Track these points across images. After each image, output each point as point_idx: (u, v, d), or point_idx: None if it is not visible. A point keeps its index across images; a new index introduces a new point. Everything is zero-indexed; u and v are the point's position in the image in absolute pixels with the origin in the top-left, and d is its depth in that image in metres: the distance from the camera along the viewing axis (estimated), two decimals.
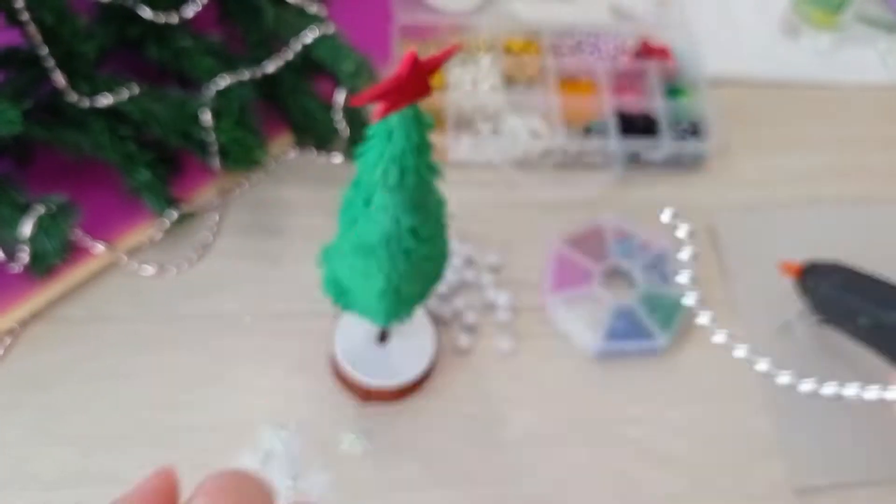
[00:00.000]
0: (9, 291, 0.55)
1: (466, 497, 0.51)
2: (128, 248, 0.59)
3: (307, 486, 0.51)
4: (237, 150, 0.57)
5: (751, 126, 0.74)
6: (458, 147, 0.67)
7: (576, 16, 0.76)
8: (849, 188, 0.71)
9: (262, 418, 0.53)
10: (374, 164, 0.35)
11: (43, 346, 0.55)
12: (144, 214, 0.59)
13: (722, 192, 0.69)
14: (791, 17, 0.80)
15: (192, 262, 0.59)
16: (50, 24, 0.53)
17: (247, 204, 0.63)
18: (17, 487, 0.49)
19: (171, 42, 0.59)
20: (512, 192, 0.66)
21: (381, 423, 0.54)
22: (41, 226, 0.52)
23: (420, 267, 0.41)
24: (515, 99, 0.69)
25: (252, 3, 0.60)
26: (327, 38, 0.57)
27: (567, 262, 0.61)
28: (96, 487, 0.49)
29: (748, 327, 0.60)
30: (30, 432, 0.51)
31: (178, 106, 0.56)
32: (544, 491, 0.52)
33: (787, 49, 0.80)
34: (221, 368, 0.55)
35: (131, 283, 0.58)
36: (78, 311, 0.56)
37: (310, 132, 0.63)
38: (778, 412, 0.57)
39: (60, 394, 0.53)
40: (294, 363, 0.55)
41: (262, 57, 0.60)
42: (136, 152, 0.57)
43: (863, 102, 0.77)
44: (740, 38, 0.80)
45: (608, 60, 0.73)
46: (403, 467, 0.52)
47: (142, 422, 0.52)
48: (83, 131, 0.57)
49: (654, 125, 0.69)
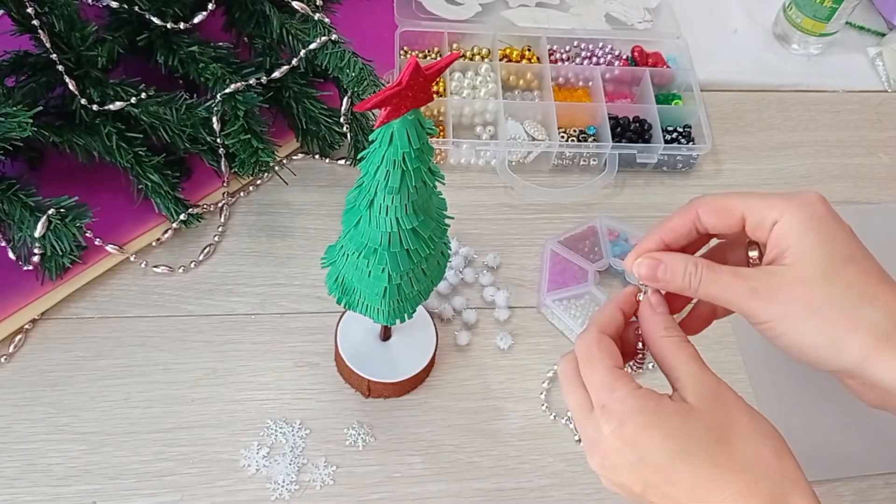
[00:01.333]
0: (21, 290, 0.56)
1: (466, 489, 0.53)
2: (137, 248, 0.60)
3: (311, 479, 0.52)
4: (244, 154, 0.59)
5: (742, 130, 0.76)
6: (458, 151, 0.68)
7: (572, 24, 0.78)
8: (837, 191, 0.72)
9: (267, 414, 0.54)
10: (376, 167, 0.36)
11: (54, 343, 0.56)
12: (153, 216, 0.61)
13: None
14: (782, 23, 0.82)
15: (199, 262, 0.61)
16: (61, 30, 0.55)
17: (253, 206, 0.65)
18: (28, 482, 0.50)
19: (180, 49, 0.60)
20: (509, 194, 0.68)
21: (383, 417, 0.55)
22: (52, 227, 0.54)
23: (421, 267, 0.43)
24: (513, 104, 0.71)
25: (258, 11, 0.62)
26: (332, 45, 0.59)
27: (563, 261, 0.63)
28: (107, 482, 0.51)
29: (736, 327, 0.61)
30: (41, 428, 0.52)
31: (187, 111, 0.58)
32: (542, 483, 0.54)
33: (778, 55, 0.82)
34: (228, 365, 0.56)
35: (141, 283, 0.59)
36: (88, 310, 0.58)
37: (314, 136, 0.65)
38: (767, 408, 0.58)
39: (71, 390, 0.54)
40: (299, 360, 0.57)
41: (268, 63, 0.61)
42: (145, 156, 0.59)
43: (852, 107, 0.79)
44: (732, 45, 0.82)
45: (603, 67, 0.75)
46: (405, 460, 0.53)
47: (151, 417, 0.53)
48: (93, 135, 0.58)
49: (647, 130, 0.71)
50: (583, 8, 0.80)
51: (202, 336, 0.57)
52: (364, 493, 0.52)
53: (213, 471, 0.52)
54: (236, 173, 0.62)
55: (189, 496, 0.51)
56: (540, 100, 0.73)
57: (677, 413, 0.32)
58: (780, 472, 0.32)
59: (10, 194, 0.54)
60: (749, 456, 0.32)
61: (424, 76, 0.32)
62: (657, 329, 0.35)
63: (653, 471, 0.32)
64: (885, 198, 0.72)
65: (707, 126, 0.70)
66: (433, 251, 0.43)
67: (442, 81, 0.72)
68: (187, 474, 0.52)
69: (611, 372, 0.34)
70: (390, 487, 0.52)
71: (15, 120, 0.51)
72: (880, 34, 0.85)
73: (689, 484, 0.32)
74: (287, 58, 0.61)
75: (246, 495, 0.51)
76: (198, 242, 0.62)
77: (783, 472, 0.32)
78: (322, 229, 0.64)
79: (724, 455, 0.32)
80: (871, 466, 0.56)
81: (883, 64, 0.82)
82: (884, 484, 0.56)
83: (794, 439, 0.57)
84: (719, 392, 0.33)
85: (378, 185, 0.37)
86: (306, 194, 0.65)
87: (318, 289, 0.60)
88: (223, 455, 0.52)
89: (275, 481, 0.52)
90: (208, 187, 0.63)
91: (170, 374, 0.55)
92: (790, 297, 0.32)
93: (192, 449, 0.52)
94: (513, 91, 0.74)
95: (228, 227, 0.63)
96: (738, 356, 0.61)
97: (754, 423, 0.33)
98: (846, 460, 0.56)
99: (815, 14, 0.78)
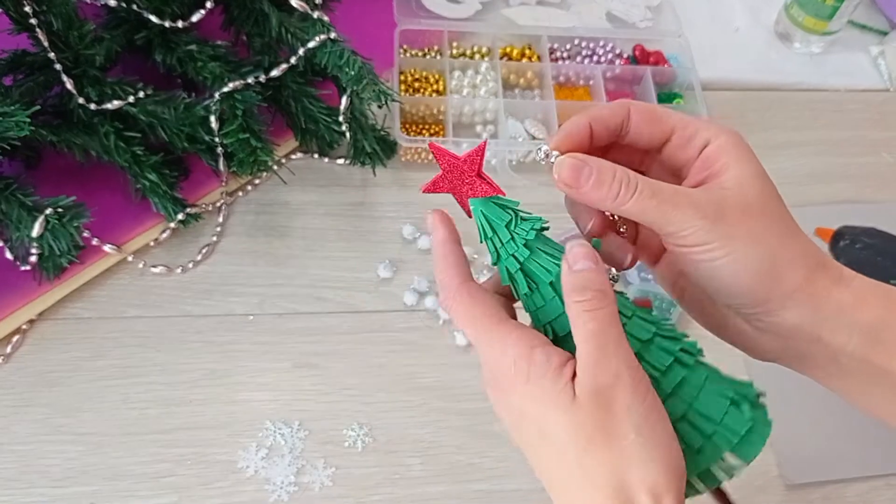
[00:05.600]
0: (18, 291, 0.56)
1: (466, 490, 0.53)
2: (135, 248, 0.60)
3: (310, 481, 0.52)
4: (242, 153, 0.59)
5: (743, 129, 0.74)
6: (458, 150, 0.68)
7: (573, 22, 0.78)
8: (840, 191, 0.72)
9: (266, 415, 0.54)
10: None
11: (51, 344, 0.56)
12: (151, 216, 0.60)
13: None
14: (784, 22, 0.81)
15: (197, 262, 0.61)
16: (58, 29, 0.54)
17: (252, 206, 0.64)
18: (26, 483, 0.50)
19: (178, 47, 0.60)
20: (510, 194, 0.67)
21: (382, 418, 0.55)
22: (50, 227, 0.53)
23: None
24: (513, 103, 0.70)
25: (257, 10, 0.61)
26: (331, 43, 0.58)
27: None
28: (104, 483, 0.50)
29: None
30: (39, 429, 0.52)
31: (185, 110, 0.57)
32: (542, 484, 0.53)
33: (780, 54, 0.82)
34: (226, 366, 0.56)
35: (138, 283, 0.59)
36: (86, 311, 0.57)
37: (313, 136, 0.65)
38: (770, 408, 0.58)
39: (69, 391, 0.54)
40: (298, 361, 0.57)
41: (266, 62, 0.61)
42: (143, 155, 0.58)
43: (854, 106, 0.79)
44: (733, 44, 0.82)
45: (604, 65, 0.74)
46: (405, 462, 0.53)
47: (149, 418, 0.53)
48: (91, 134, 0.58)
49: None
50: (584, 6, 0.80)
51: (200, 336, 0.57)
52: (363, 494, 0.52)
53: (212, 472, 0.51)
54: (235, 172, 0.62)
55: (187, 497, 0.50)
56: (540, 99, 0.73)
57: (556, 398, 0.28)
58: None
59: (8, 194, 0.54)
60: (616, 478, 0.28)
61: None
62: (567, 291, 0.29)
63: (527, 440, 0.30)
64: (887, 197, 0.72)
65: None
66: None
67: (442, 80, 0.71)
68: (185, 475, 0.51)
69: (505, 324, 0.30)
70: (390, 489, 0.52)
71: (13, 119, 0.51)
72: (882, 33, 0.85)
73: (555, 469, 0.30)
74: (286, 56, 0.61)
75: (244, 497, 0.51)
76: (196, 242, 0.61)
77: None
78: (321, 229, 0.63)
79: (588, 459, 0.28)
80: (873, 468, 0.56)
81: (885, 63, 0.82)
82: (886, 486, 0.56)
83: (796, 440, 0.58)
84: (610, 394, 0.28)
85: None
86: (305, 194, 0.65)
87: (316, 289, 0.60)
88: (221, 456, 0.52)
89: (273, 483, 0.51)
90: (206, 187, 0.63)
91: (168, 375, 0.55)
92: (736, 220, 0.30)
93: (190, 450, 0.52)
94: (513, 90, 0.74)
95: (227, 227, 0.63)
96: (738, 356, 0.60)
97: (639, 447, 0.28)
98: (848, 461, 0.56)
99: (817, 13, 0.77)
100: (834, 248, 0.61)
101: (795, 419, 0.57)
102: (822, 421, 0.57)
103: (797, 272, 0.30)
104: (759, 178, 0.32)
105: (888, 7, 0.85)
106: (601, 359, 0.28)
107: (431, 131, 0.69)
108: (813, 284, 0.30)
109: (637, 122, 0.33)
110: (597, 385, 0.28)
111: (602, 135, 0.33)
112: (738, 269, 0.30)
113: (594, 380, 0.28)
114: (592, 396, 0.28)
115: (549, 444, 0.29)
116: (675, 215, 0.30)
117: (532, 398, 0.29)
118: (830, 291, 0.30)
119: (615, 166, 0.31)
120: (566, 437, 0.29)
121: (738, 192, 0.31)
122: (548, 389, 0.29)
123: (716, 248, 0.30)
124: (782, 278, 0.30)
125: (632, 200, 0.30)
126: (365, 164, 0.64)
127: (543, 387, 0.29)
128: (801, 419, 0.57)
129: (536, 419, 0.30)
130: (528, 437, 0.30)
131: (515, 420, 0.31)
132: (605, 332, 0.29)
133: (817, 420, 0.57)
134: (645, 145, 0.34)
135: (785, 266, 0.30)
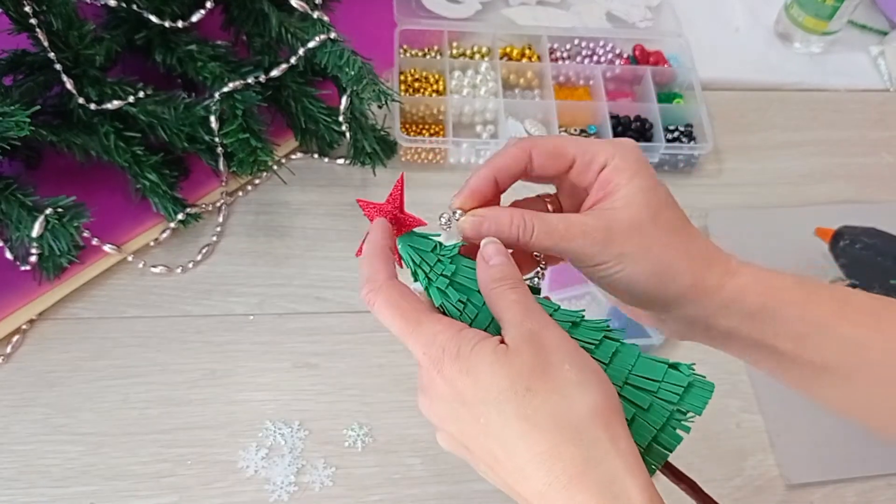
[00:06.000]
0: (18, 291, 0.56)
1: (466, 490, 0.52)
2: (135, 248, 0.60)
3: (310, 481, 0.52)
4: (242, 153, 0.59)
5: (743, 129, 0.75)
6: (458, 150, 0.68)
7: (572, 22, 0.78)
8: (840, 191, 0.72)
9: (266, 415, 0.54)
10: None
11: (51, 344, 0.56)
12: (151, 216, 0.60)
13: (715, 193, 0.70)
14: (784, 22, 0.81)
15: (197, 262, 0.61)
16: (58, 29, 0.54)
17: (252, 206, 0.64)
18: (26, 483, 0.50)
19: (178, 47, 0.60)
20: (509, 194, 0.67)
21: (382, 418, 0.55)
22: (50, 227, 0.53)
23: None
24: (513, 103, 0.70)
25: (257, 10, 0.61)
26: (330, 43, 0.58)
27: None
28: (104, 483, 0.50)
29: None
30: (39, 429, 0.52)
31: (185, 110, 0.58)
32: None
33: (780, 54, 0.82)
34: (226, 366, 0.56)
35: (138, 283, 0.59)
36: (86, 311, 0.57)
37: (313, 135, 0.65)
38: (770, 408, 0.58)
39: (69, 391, 0.54)
40: (298, 361, 0.57)
41: (266, 62, 0.61)
42: (143, 155, 0.58)
43: (854, 106, 0.79)
44: (733, 44, 0.82)
45: (604, 65, 0.74)
46: (405, 462, 0.53)
47: (149, 418, 0.53)
48: (91, 134, 0.58)
49: (648, 129, 0.70)
50: (584, 6, 0.80)
51: (200, 337, 0.57)
52: (363, 494, 0.52)
53: (212, 472, 0.51)
54: (234, 172, 0.62)
55: (187, 497, 0.50)
56: (540, 98, 0.73)
57: (491, 355, 0.29)
58: (593, 435, 0.28)
59: (8, 194, 0.54)
60: (560, 412, 0.29)
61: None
62: (486, 282, 0.32)
63: (469, 421, 0.30)
64: (888, 197, 0.72)
65: (708, 125, 0.70)
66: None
67: (442, 80, 0.71)
68: (185, 475, 0.51)
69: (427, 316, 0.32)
70: (390, 489, 0.52)
71: (13, 119, 0.51)
72: (882, 33, 0.85)
73: (501, 438, 0.29)
74: (286, 56, 0.61)
75: (244, 497, 0.51)
76: (196, 242, 0.61)
77: (596, 435, 0.28)
78: (321, 229, 0.63)
79: (532, 408, 0.29)
80: (873, 467, 0.56)
81: (885, 63, 0.82)
82: (886, 485, 0.56)
83: (797, 440, 0.58)
84: (540, 334, 0.30)
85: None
86: (305, 194, 0.65)
87: (316, 289, 0.60)
88: (221, 456, 0.52)
89: (273, 483, 0.51)
90: (206, 187, 0.63)
91: (168, 375, 0.55)
92: (625, 237, 0.34)
93: (190, 450, 0.52)
94: (513, 90, 0.74)
95: (227, 227, 0.63)
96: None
97: (576, 373, 0.29)
98: (849, 461, 0.56)
99: (817, 13, 0.77)
100: (834, 248, 0.61)
101: (795, 419, 0.57)
102: (822, 421, 0.57)
103: (685, 275, 0.34)
104: (646, 192, 0.35)
105: (888, 7, 0.85)
106: (528, 312, 0.31)
107: (431, 131, 0.69)
108: (703, 282, 0.34)
109: (540, 161, 0.36)
110: (527, 329, 0.30)
111: (507, 182, 0.37)
112: (632, 280, 0.34)
113: (523, 326, 0.30)
114: (525, 339, 0.30)
115: (488, 411, 0.29)
116: (569, 246, 0.34)
117: (465, 371, 0.30)
118: (719, 285, 0.34)
119: (512, 213, 0.35)
120: (507, 389, 0.29)
121: (626, 210, 0.34)
122: (480, 352, 0.30)
123: (610, 266, 0.34)
124: (673, 282, 0.34)
125: (531, 241, 0.34)
126: (365, 164, 0.64)
127: (476, 352, 0.30)
128: (801, 419, 0.57)
129: (473, 393, 0.30)
130: (466, 423, 0.31)
131: (452, 411, 0.31)
132: (527, 298, 0.32)
133: (817, 420, 0.57)
134: (552, 176, 0.37)
135: (673, 271, 0.34)
